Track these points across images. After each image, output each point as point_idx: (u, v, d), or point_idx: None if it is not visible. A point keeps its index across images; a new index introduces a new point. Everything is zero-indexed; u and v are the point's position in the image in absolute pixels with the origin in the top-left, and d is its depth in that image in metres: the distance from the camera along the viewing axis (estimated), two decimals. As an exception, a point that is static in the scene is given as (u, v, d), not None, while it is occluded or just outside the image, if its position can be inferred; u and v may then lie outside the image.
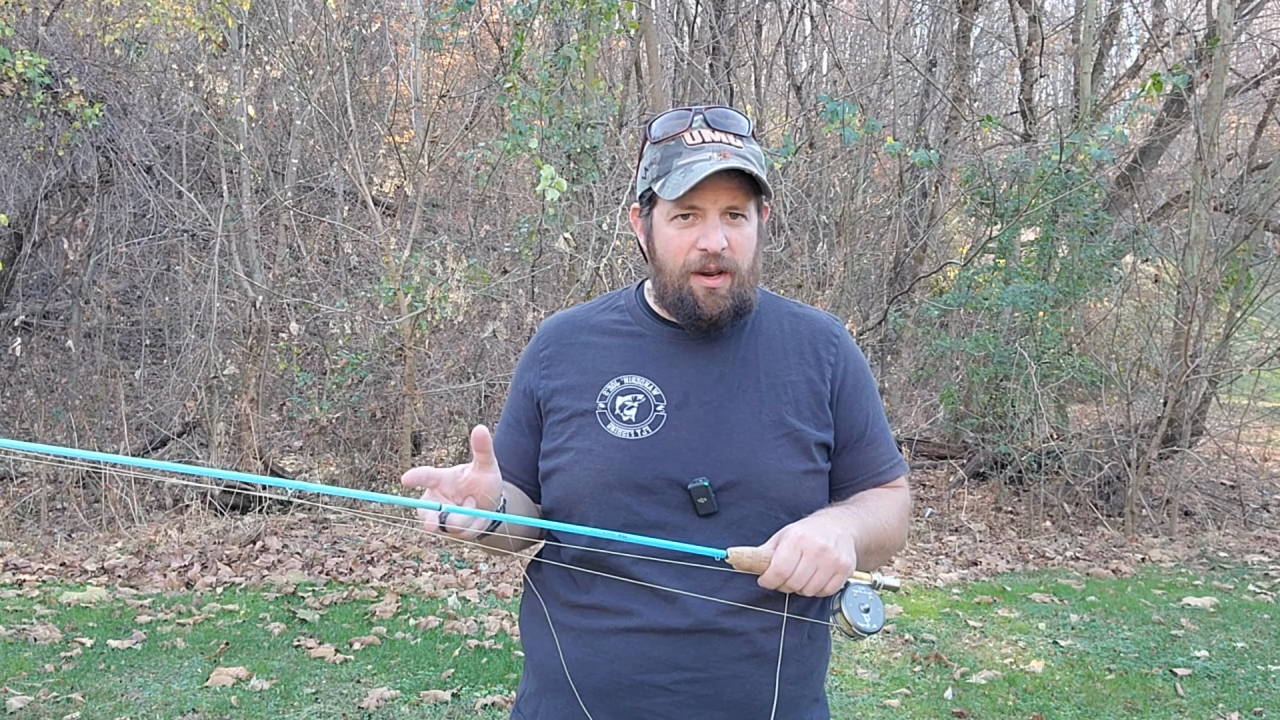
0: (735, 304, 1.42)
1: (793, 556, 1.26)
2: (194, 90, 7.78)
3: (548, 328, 1.57)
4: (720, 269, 1.40)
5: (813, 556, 1.26)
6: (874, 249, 9.86)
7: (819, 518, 1.35)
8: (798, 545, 1.27)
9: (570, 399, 1.47)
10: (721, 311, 1.41)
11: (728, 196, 1.39)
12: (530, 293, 7.08)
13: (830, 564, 1.27)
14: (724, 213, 1.40)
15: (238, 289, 7.25)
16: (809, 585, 1.27)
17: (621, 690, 1.38)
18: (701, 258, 1.39)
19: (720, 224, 1.39)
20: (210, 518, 5.88)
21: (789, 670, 1.43)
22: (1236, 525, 6.84)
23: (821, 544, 1.27)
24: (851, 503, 1.46)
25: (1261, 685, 3.95)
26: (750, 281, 1.43)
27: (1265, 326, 8.48)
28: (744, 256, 1.41)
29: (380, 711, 3.55)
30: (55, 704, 3.53)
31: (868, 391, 1.52)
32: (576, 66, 6.16)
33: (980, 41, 12.57)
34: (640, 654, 1.37)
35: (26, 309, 8.01)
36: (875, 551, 1.43)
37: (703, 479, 1.37)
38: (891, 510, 1.47)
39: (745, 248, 1.41)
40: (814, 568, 1.26)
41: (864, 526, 1.39)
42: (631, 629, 1.38)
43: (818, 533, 1.28)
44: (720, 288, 1.40)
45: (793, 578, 1.27)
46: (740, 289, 1.42)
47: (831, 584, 1.28)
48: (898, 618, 4.73)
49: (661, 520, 1.37)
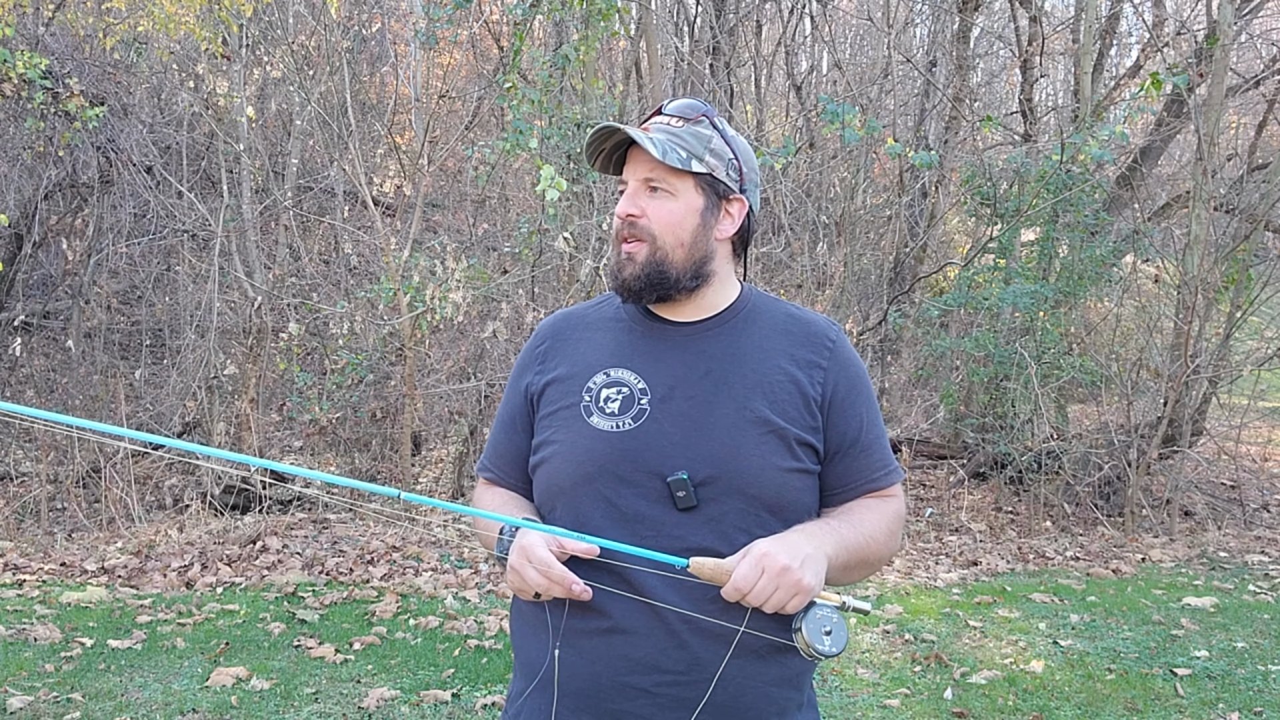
0: (649, 273, 1.43)
1: (753, 573, 1.26)
2: (194, 90, 7.79)
3: (546, 325, 1.59)
4: (631, 235, 1.44)
5: (774, 575, 1.26)
6: (874, 249, 9.86)
7: (792, 534, 1.34)
8: (760, 562, 1.27)
9: (559, 391, 1.48)
10: (633, 278, 1.43)
11: (645, 169, 1.43)
12: (530, 293, 7.08)
13: (791, 584, 1.26)
14: (643, 183, 1.44)
15: (238, 289, 7.25)
16: (768, 603, 1.27)
17: (603, 691, 1.38)
18: (619, 224, 1.45)
19: (637, 193, 1.44)
20: (210, 518, 5.88)
21: (772, 673, 1.41)
22: (1236, 525, 6.84)
23: (784, 563, 1.26)
24: (836, 515, 1.45)
25: (1261, 685, 3.95)
26: (679, 255, 1.44)
27: (1265, 326, 8.49)
28: (662, 227, 1.43)
29: (380, 711, 3.55)
30: (55, 704, 3.53)
31: (863, 397, 1.51)
32: (576, 66, 6.16)
33: (980, 41, 12.57)
34: (621, 655, 1.37)
35: (26, 309, 8.00)
36: (855, 567, 1.42)
37: (682, 473, 1.36)
38: (879, 523, 1.46)
39: (664, 220, 1.43)
40: (774, 586, 1.26)
41: (842, 543, 1.38)
42: (613, 630, 1.37)
43: (784, 551, 1.28)
44: (636, 253, 1.43)
45: (751, 594, 1.26)
46: (658, 259, 1.43)
47: (792, 604, 1.28)
48: (898, 618, 4.73)
49: (640, 514, 1.37)
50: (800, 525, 1.38)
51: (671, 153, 1.41)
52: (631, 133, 1.41)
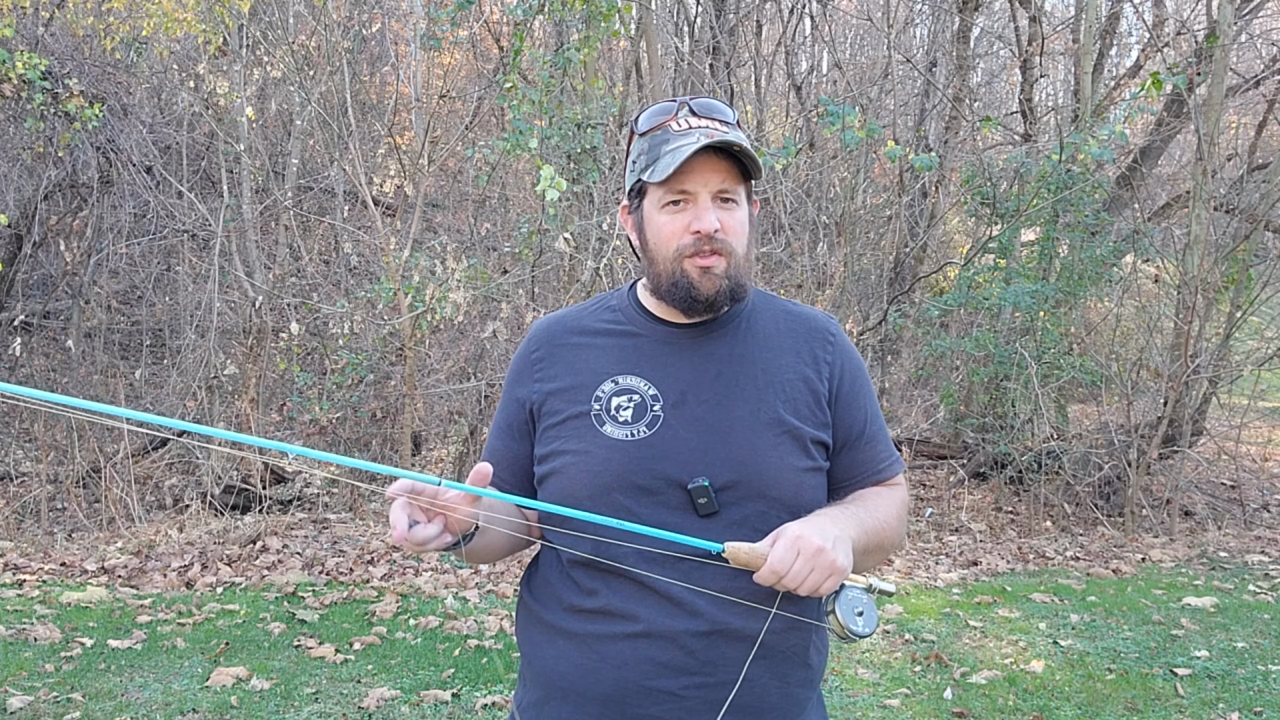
0: (732, 285, 1.40)
1: (789, 555, 1.26)
2: (194, 90, 7.79)
3: (538, 330, 1.55)
4: (714, 250, 1.39)
5: (809, 556, 1.26)
6: (874, 249, 9.85)
7: (818, 518, 1.34)
8: (795, 544, 1.26)
9: (564, 401, 1.45)
10: (718, 292, 1.40)
11: (718, 179, 1.39)
12: (530, 293, 7.07)
13: (826, 565, 1.26)
14: (715, 195, 1.39)
15: (238, 289, 7.25)
16: (804, 585, 1.26)
17: (629, 697, 1.36)
18: (695, 240, 1.38)
19: (712, 206, 1.39)
20: (210, 518, 5.88)
21: (798, 674, 1.42)
22: (1236, 525, 6.84)
23: (819, 544, 1.26)
24: (850, 502, 1.44)
25: (1262, 685, 3.95)
26: (745, 267, 1.42)
27: (1265, 326, 8.49)
28: (738, 240, 1.40)
29: (380, 711, 3.55)
30: (55, 704, 3.53)
31: (865, 390, 1.51)
32: (577, 67, 6.16)
33: (980, 41, 12.57)
34: (648, 659, 1.35)
35: (26, 309, 8.00)
36: (873, 551, 1.42)
37: (703, 479, 1.35)
38: (890, 509, 1.47)
39: (738, 231, 1.41)
40: (810, 567, 1.26)
41: (862, 527, 1.38)
42: (638, 634, 1.36)
43: (815, 533, 1.27)
44: (715, 267, 1.39)
45: (788, 576, 1.26)
46: (736, 272, 1.40)
47: (826, 585, 1.27)
48: (898, 618, 4.73)
49: (661, 521, 1.35)
50: (822, 510, 1.38)
51: (753, 164, 1.40)
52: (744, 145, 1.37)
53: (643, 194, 1.44)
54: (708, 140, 1.35)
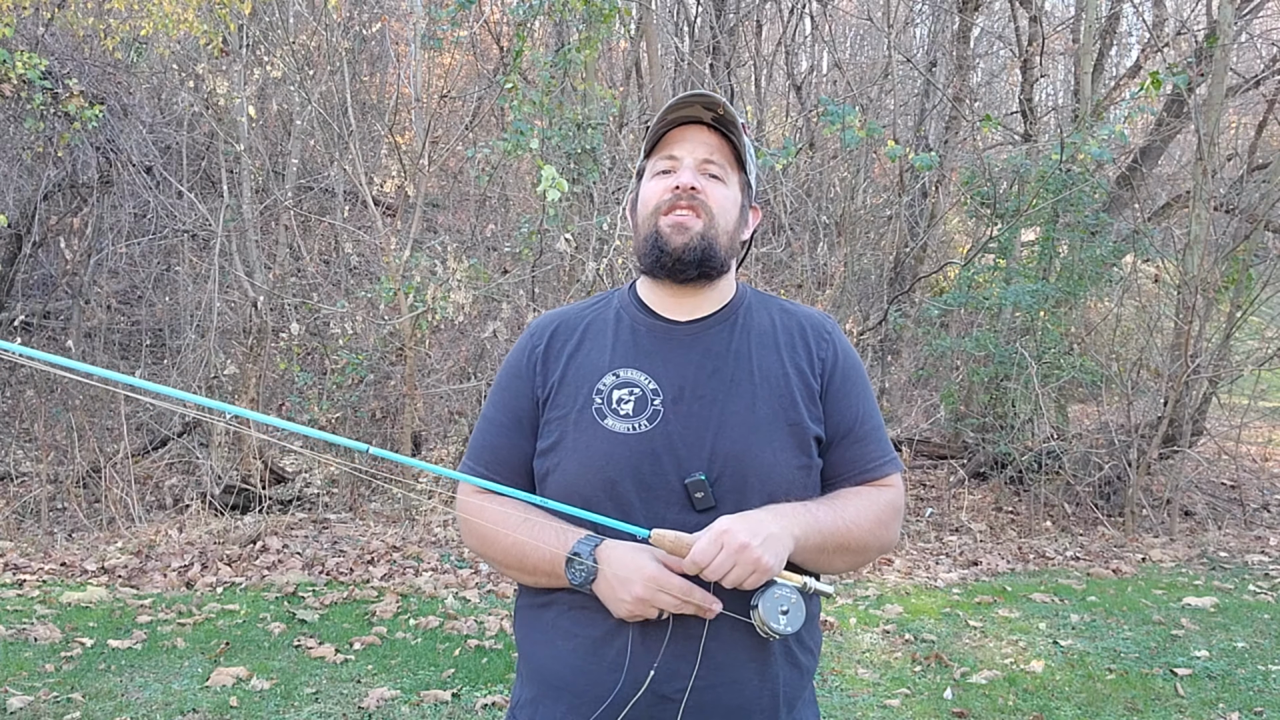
0: (704, 247, 1.42)
1: (711, 549, 1.27)
2: (194, 90, 7.78)
3: (539, 325, 1.55)
4: (690, 206, 1.42)
5: (733, 551, 1.27)
6: (874, 249, 9.85)
7: (760, 512, 1.34)
8: (719, 538, 1.27)
9: (566, 395, 1.45)
10: (686, 246, 1.41)
11: (705, 150, 1.44)
12: (531, 293, 7.07)
13: (749, 561, 1.27)
14: (700, 163, 1.44)
15: (238, 289, 7.25)
16: (726, 579, 1.28)
17: (622, 698, 1.37)
18: (673, 195, 1.42)
19: (694, 169, 1.44)
20: (210, 518, 5.88)
21: (786, 674, 1.42)
22: (1237, 525, 6.84)
23: (744, 540, 1.27)
24: (819, 501, 1.44)
25: (1262, 685, 3.95)
26: (723, 241, 1.44)
27: (1265, 326, 8.49)
28: (718, 205, 1.44)
29: (380, 711, 3.55)
30: (55, 704, 3.53)
31: (859, 388, 1.51)
32: (577, 68, 6.16)
33: (980, 41, 12.57)
34: (641, 661, 1.36)
35: (26, 309, 8.00)
36: (835, 551, 1.41)
37: (700, 474, 1.36)
38: (865, 510, 1.45)
39: (720, 200, 1.44)
40: (732, 562, 1.27)
41: (817, 526, 1.37)
42: (632, 636, 1.37)
43: (745, 529, 1.28)
44: (689, 223, 1.41)
45: (709, 569, 1.27)
46: (711, 236, 1.42)
47: (750, 581, 1.28)
48: (898, 618, 4.73)
49: (660, 515, 1.36)
50: (772, 505, 1.38)
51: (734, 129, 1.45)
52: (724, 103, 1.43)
53: (642, 176, 1.50)
54: (694, 96, 1.41)
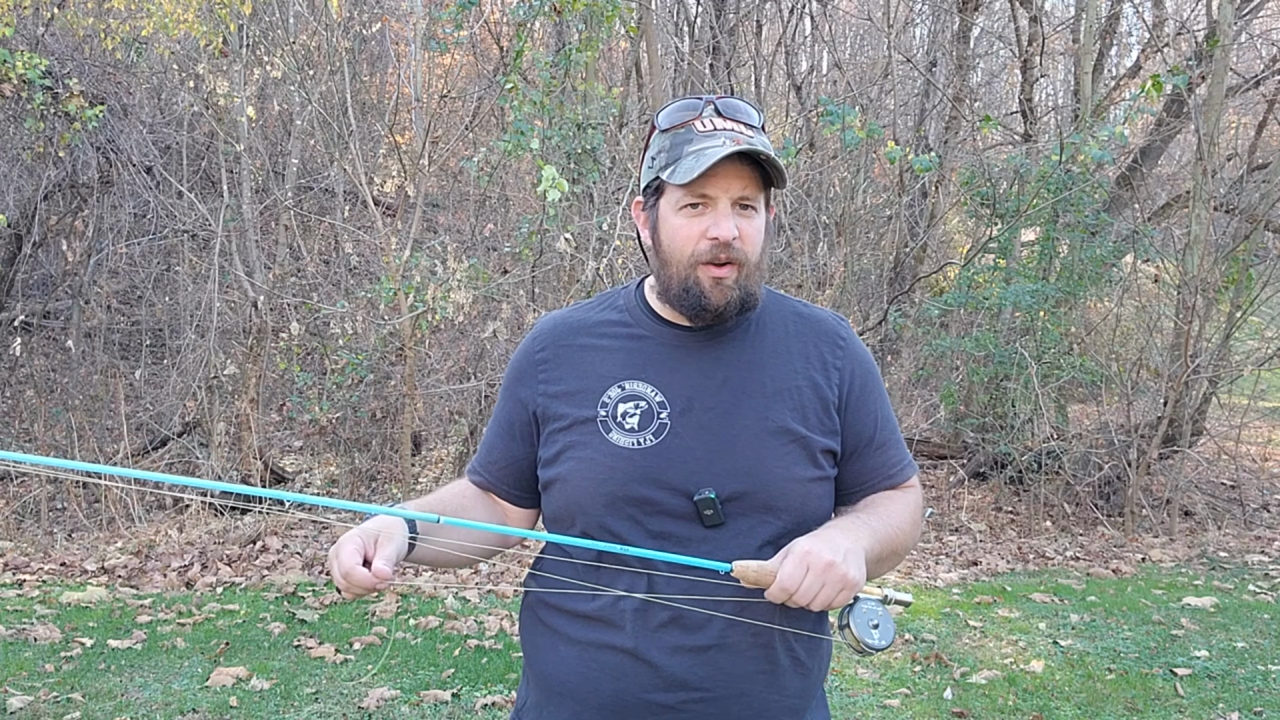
0: (741, 296, 1.37)
1: (798, 571, 1.24)
2: (194, 90, 7.78)
3: (543, 329, 1.51)
4: (729, 259, 1.35)
5: (819, 571, 1.24)
6: (874, 249, 9.85)
7: (828, 530, 1.32)
8: (804, 560, 1.24)
9: (570, 406, 1.42)
10: (728, 303, 1.37)
11: (740, 185, 1.35)
12: (531, 293, 7.07)
13: (837, 579, 1.24)
14: (735, 202, 1.36)
15: (238, 289, 7.25)
16: (815, 601, 1.24)
17: (626, 708, 1.35)
18: (712, 247, 1.35)
19: (731, 213, 1.35)
20: (210, 518, 5.88)
21: (794, 684, 1.40)
22: (1236, 525, 6.84)
23: (829, 559, 1.24)
24: (863, 509, 1.42)
25: (1262, 685, 3.95)
26: (756, 276, 1.39)
27: (1265, 326, 8.49)
28: (753, 248, 1.37)
29: (380, 711, 3.55)
30: (55, 704, 3.53)
31: (876, 394, 1.48)
32: (578, 68, 6.15)
33: (980, 41, 12.57)
34: (646, 672, 1.34)
35: (26, 309, 8.00)
36: (887, 558, 1.40)
37: (709, 490, 1.33)
38: (904, 513, 1.44)
39: (754, 240, 1.37)
40: (821, 583, 1.24)
41: (875, 536, 1.35)
42: (638, 645, 1.35)
43: (825, 547, 1.25)
44: (727, 278, 1.36)
45: (799, 593, 1.24)
46: (747, 282, 1.37)
47: (839, 599, 1.26)
48: (898, 618, 4.73)
49: (666, 531, 1.34)
50: (834, 521, 1.37)
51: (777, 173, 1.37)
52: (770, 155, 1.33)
53: (660, 192, 1.41)
54: (734, 147, 1.31)
